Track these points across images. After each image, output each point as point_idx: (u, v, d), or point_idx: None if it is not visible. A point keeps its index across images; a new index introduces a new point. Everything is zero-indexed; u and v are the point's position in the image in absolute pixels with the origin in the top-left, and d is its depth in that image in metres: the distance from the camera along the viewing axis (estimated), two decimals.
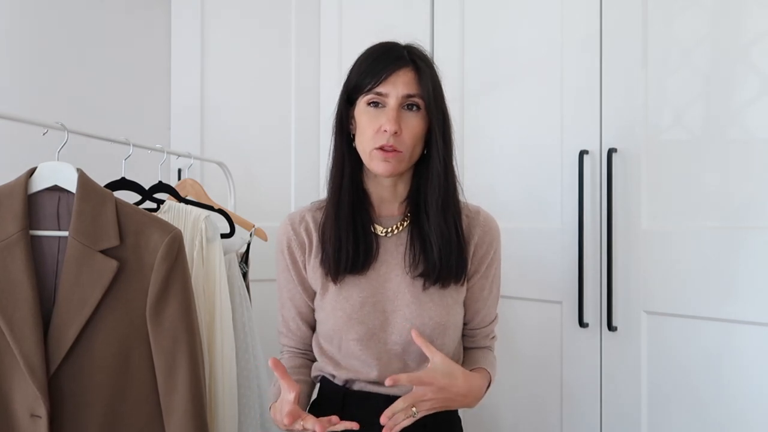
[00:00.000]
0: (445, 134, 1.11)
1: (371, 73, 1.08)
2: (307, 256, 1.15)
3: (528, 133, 1.74)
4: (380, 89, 1.06)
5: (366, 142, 1.08)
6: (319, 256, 1.13)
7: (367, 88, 1.07)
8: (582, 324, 1.59)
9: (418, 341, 1.02)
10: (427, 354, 1.01)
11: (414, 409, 0.98)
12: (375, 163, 1.08)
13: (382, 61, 1.08)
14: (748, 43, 1.38)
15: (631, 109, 1.54)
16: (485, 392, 1.12)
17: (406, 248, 1.12)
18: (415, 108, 1.08)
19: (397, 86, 1.06)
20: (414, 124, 1.08)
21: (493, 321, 1.21)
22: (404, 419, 0.97)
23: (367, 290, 1.10)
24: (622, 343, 1.55)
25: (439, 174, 1.10)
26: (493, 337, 1.23)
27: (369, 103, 1.08)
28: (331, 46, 2.14)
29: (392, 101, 1.06)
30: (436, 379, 0.99)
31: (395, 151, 1.07)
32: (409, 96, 1.07)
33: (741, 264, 1.37)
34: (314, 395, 1.20)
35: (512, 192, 1.76)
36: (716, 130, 1.42)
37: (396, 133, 1.05)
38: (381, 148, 1.06)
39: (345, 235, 1.09)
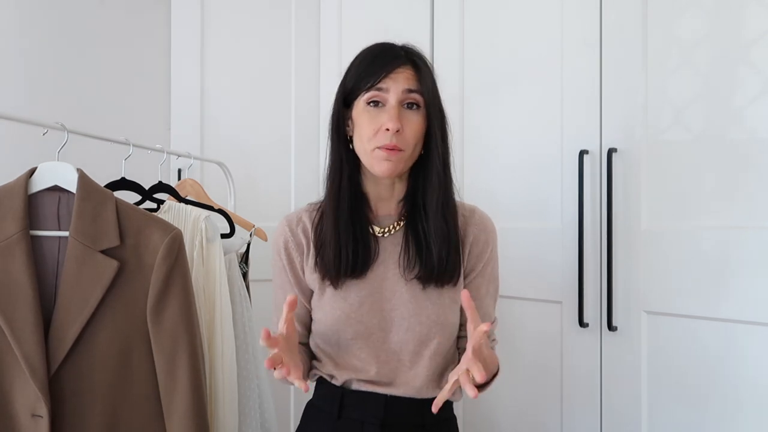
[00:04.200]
0: (443, 133, 1.11)
1: (370, 72, 1.07)
2: (304, 257, 1.15)
3: (528, 133, 1.74)
4: (381, 85, 1.06)
5: (366, 143, 1.07)
6: (315, 258, 1.13)
7: (367, 86, 1.07)
8: (582, 324, 1.59)
9: (467, 304, 0.94)
10: (473, 318, 0.94)
11: (474, 374, 0.91)
12: (376, 163, 1.07)
13: (380, 60, 1.08)
14: (748, 43, 1.38)
15: (631, 109, 1.54)
16: (494, 377, 1.07)
17: (401, 248, 1.12)
18: (415, 107, 1.08)
19: (398, 82, 1.06)
20: (415, 121, 1.07)
21: (492, 323, 1.18)
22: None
23: (365, 289, 1.10)
24: (622, 343, 1.55)
25: (439, 173, 1.10)
26: (494, 340, 1.20)
27: (369, 102, 1.07)
28: (331, 47, 2.14)
29: (392, 99, 1.06)
30: (483, 339, 0.94)
31: (397, 149, 1.06)
32: (410, 91, 1.06)
33: (741, 264, 1.37)
34: (310, 395, 1.20)
35: (512, 192, 1.76)
36: (716, 130, 1.42)
37: (398, 131, 1.05)
38: (383, 147, 1.06)
39: (345, 240, 1.09)
